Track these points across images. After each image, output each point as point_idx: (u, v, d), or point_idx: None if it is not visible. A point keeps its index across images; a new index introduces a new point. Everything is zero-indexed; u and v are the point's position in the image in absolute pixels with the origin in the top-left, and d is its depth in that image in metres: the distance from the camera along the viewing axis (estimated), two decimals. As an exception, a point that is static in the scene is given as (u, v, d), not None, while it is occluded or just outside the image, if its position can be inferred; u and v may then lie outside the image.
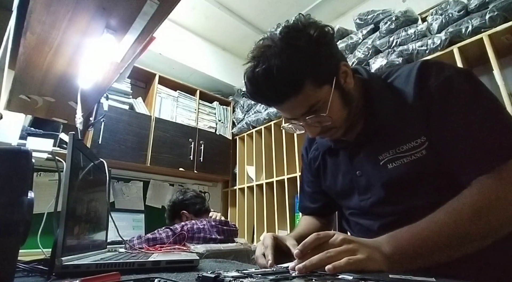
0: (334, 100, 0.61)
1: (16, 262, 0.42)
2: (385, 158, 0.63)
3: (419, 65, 0.63)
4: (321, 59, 0.60)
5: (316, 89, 0.60)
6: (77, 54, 0.94)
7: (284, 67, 0.57)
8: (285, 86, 0.59)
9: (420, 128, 0.59)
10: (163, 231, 1.43)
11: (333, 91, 0.61)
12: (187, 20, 2.84)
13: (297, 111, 0.62)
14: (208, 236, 1.48)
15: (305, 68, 0.58)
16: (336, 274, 0.43)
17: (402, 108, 0.62)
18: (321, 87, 0.60)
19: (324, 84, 0.60)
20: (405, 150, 0.60)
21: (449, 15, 1.70)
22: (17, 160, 0.43)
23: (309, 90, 0.59)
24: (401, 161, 0.61)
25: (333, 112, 0.62)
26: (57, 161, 0.73)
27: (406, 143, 0.60)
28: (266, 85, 0.60)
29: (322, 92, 0.60)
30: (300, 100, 0.60)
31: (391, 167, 0.62)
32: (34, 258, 0.68)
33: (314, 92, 0.60)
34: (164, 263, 0.59)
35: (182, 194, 1.79)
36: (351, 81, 0.66)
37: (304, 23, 0.61)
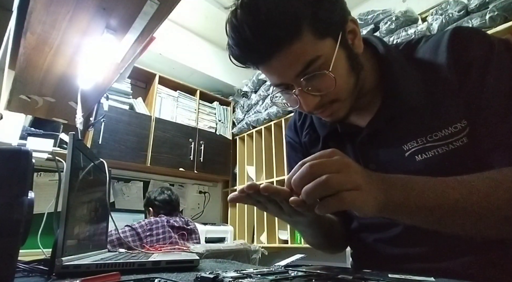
0: (339, 60, 0.48)
1: (16, 262, 0.42)
2: (412, 148, 0.50)
3: (452, 32, 0.50)
4: (324, 3, 0.47)
5: (317, 41, 0.47)
6: (77, 54, 0.94)
7: (277, 4, 0.44)
8: (277, 30, 0.45)
9: (459, 110, 0.47)
10: (126, 228, 1.62)
11: (337, 47, 0.48)
12: (187, 20, 2.84)
13: (292, 69, 0.48)
14: (162, 235, 1.61)
15: (303, 9, 0.45)
16: (336, 274, 0.43)
17: (433, 86, 0.50)
18: (323, 39, 0.47)
19: (326, 36, 0.48)
20: (439, 137, 0.48)
21: (449, 15, 1.70)
22: (17, 160, 0.43)
23: (308, 40, 0.46)
24: (434, 152, 0.49)
25: (337, 75, 0.48)
26: (57, 161, 0.73)
27: (441, 129, 0.48)
28: (253, 29, 0.45)
29: (324, 46, 0.47)
30: (296, 51, 0.46)
31: (419, 159, 0.50)
32: (34, 258, 0.68)
33: (314, 44, 0.47)
34: (164, 263, 0.59)
35: (158, 193, 1.90)
36: (360, 44, 0.53)
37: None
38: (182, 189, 2.90)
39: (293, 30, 0.45)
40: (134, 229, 1.60)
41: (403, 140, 0.52)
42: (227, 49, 0.51)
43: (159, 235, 1.61)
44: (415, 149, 0.50)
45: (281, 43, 0.46)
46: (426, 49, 0.54)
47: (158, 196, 1.88)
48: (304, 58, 0.47)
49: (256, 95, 2.93)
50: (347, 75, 0.51)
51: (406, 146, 0.51)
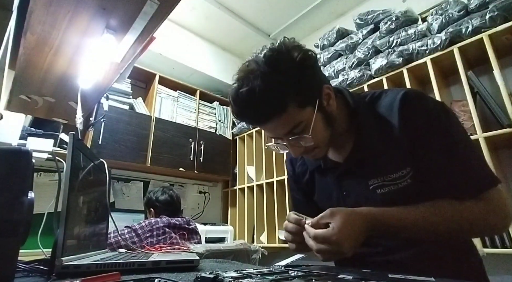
0: (317, 121, 0.64)
1: (16, 262, 0.42)
2: (374, 184, 0.67)
3: (401, 97, 0.66)
4: (304, 82, 0.62)
5: (299, 111, 0.62)
6: (77, 54, 0.94)
7: (267, 88, 0.59)
8: (268, 107, 0.61)
9: (405, 159, 0.64)
10: (125, 229, 1.62)
11: (315, 113, 0.64)
12: (187, 20, 2.84)
13: (280, 131, 0.64)
14: (162, 236, 1.61)
15: (287, 90, 0.60)
16: (336, 274, 0.43)
17: (388, 139, 0.66)
18: (304, 108, 0.63)
19: (306, 105, 0.63)
20: (392, 178, 0.65)
21: (449, 15, 1.70)
22: (17, 160, 0.43)
23: (292, 111, 0.61)
24: (389, 188, 0.66)
25: (315, 133, 0.64)
26: (57, 161, 0.73)
27: (393, 172, 0.65)
28: (249, 106, 0.62)
29: (304, 114, 0.63)
30: (283, 120, 0.62)
31: (380, 192, 0.67)
32: (34, 258, 0.68)
33: (297, 114, 0.62)
34: (164, 263, 0.59)
35: (159, 193, 1.88)
36: (333, 103, 0.69)
37: (288, 46, 0.63)
38: (182, 189, 2.90)
39: (279, 107, 0.61)
40: (134, 230, 1.60)
41: (368, 177, 0.68)
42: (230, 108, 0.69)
43: (160, 236, 1.60)
44: (376, 184, 0.67)
45: (270, 117, 0.62)
46: (383, 107, 0.69)
47: (160, 196, 1.84)
48: (289, 124, 0.63)
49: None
50: (324, 130, 0.67)
51: (371, 181, 0.68)
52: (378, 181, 0.67)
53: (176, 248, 1.33)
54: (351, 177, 0.72)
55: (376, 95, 0.72)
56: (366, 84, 2.04)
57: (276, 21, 2.89)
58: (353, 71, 2.08)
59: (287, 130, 0.64)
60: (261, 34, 3.02)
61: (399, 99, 0.66)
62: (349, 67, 2.13)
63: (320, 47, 2.39)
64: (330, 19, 2.80)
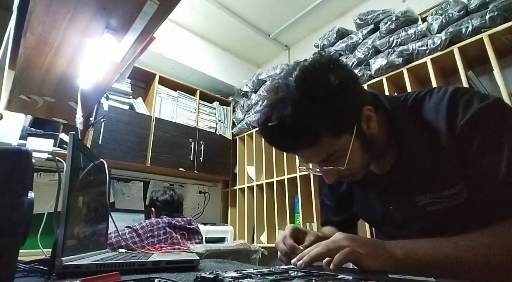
0: (354, 149, 0.57)
1: (16, 262, 0.42)
2: (423, 201, 0.60)
3: (449, 97, 0.57)
4: (341, 109, 0.55)
5: (334, 140, 0.56)
6: (77, 54, 0.94)
7: (298, 120, 0.53)
8: (299, 140, 0.56)
9: (457, 174, 0.56)
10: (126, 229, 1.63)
11: (353, 140, 0.57)
12: (187, 20, 2.84)
13: (314, 159, 0.61)
14: (163, 236, 1.62)
15: (321, 120, 0.54)
16: (336, 274, 0.43)
17: (435, 149, 0.57)
18: (340, 137, 0.56)
19: (343, 133, 0.56)
20: (444, 196, 0.57)
21: (449, 15, 1.70)
22: (17, 160, 0.43)
23: (326, 142, 0.56)
24: (441, 206, 0.58)
25: (352, 162, 0.58)
26: (57, 161, 0.73)
27: (445, 189, 0.57)
28: (280, 139, 0.58)
29: (340, 142, 0.57)
30: (316, 151, 0.57)
31: (431, 210, 0.59)
32: (34, 258, 0.68)
33: (332, 143, 0.56)
34: (164, 263, 0.59)
35: (160, 193, 1.90)
36: (375, 126, 0.60)
37: (323, 66, 0.55)
38: (182, 189, 2.90)
39: (312, 139, 0.55)
40: (135, 230, 1.60)
41: (415, 193, 0.61)
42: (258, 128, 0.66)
43: (161, 236, 1.60)
44: (426, 201, 0.60)
45: (304, 149, 0.58)
46: (429, 110, 0.60)
47: (160, 196, 1.86)
48: (322, 154, 0.58)
49: (256, 95, 2.93)
50: (361, 158, 0.60)
51: (418, 197, 0.61)
52: (427, 198, 0.59)
53: (176, 248, 1.33)
54: (395, 192, 0.66)
55: (420, 97, 0.63)
56: (366, 84, 2.04)
57: (276, 21, 2.89)
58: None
59: (321, 158, 0.59)
60: (261, 34, 3.02)
61: (448, 98, 0.57)
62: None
63: (320, 47, 2.39)
64: (330, 19, 2.80)
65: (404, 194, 0.64)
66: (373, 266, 0.48)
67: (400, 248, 0.51)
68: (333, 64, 0.56)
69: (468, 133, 0.54)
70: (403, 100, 0.66)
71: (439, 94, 0.60)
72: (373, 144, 0.61)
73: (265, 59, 3.44)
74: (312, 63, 0.56)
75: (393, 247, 0.52)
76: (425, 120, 0.60)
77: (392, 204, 0.67)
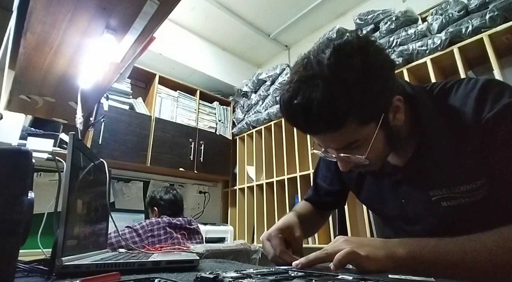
0: (377, 139, 0.54)
1: (16, 262, 0.42)
2: (438, 195, 0.58)
3: (481, 86, 0.54)
4: (371, 96, 0.51)
5: (359, 127, 0.53)
6: (77, 54, 0.94)
7: (326, 102, 0.49)
8: (324, 123, 0.52)
9: (478, 168, 0.53)
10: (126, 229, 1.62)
11: (378, 130, 0.53)
12: (187, 20, 2.84)
13: (333, 145, 0.57)
14: (163, 236, 1.61)
15: (350, 105, 0.50)
16: (336, 274, 0.43)
17: (458, 141, 0.54)
18: (366, 125, 0.53)
19: (369, 122, 0.53)
20: (462, 191, 0.55)
21: (449, 15, 1.70)
22: (17, 160, 0.43)
23: (351, 128, 0.52)
24: (458, 201, 0.56)
25: (372, 152, 0.55)
26: (57, 161, 0.73)
27: (464, 184, 0.54)
28: (303, 119, 0.53)
29: (365, 131, 0.53)
30: (338, 136, 0.53)
31: (445, 205, 0.57)
32: (34, 258, 0.68)
33: (356, 130, 0.53)
34: (164, 263, 0.59)
35: (163, 193, 1.88)
36: (401, 117, 0.57)
37: (360, 46, 0.51)
38: (182, 189, 2.90)
39: (337, 124, 0.51)
40: (135, 230, 1.59)
41: (430, 187, 0.59)
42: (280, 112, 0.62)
43: (161, 236, 1.60)
44: (441, 196, 0.57)
45: (326, 132, 0.54)
46: (456, 101, 0.57)
47: (164, 195, 1.84)
48: (346, 141, 0.54)
49: (256, 95, 2.93)
50: (382, 150, 0.58)
51: (432, 191, 0.58)
52: (442, 192, 0.57)
53: (176, 248, 1.33)
54: (410, 185, 0.63)
55: (448, 87, 0.60)
56: (366, 84, 2.04)
57: (276, 21, 2.89)
58: (353, 71, 2.08)
59: (341, 146, 0.55)
60: (261, 34, 3.02)
61: (479, 88, 0.54)
62: (349, 67, 2.13)
63: (320, 47, 2.39)
64: (330, 19, 2.80)
65: (419, 188, 0.61)
66: (372, 267, 0.48)
67: (403, 247, 0.50)
68: (371, 47, 0.52)
69: (492, 127, 0.51)
70: (429, 90, 0.62)
71: (468, 85, 0.56)
72: (397, 136, 0.58)
73: (265, 59, 3.44)
74: (349, 42, 0.51)
75: (396, 246, 0.50)
76: (451, 111, 0.56)
77: (405, 197, 0.64)
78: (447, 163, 0.56)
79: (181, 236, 1.67)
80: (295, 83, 0.52)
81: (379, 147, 0.56)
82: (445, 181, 0.57)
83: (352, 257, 0.47)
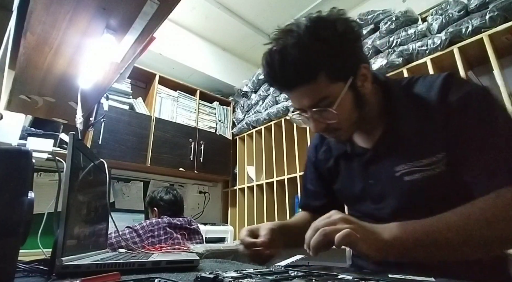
0: (345, 99, 0.61)
1: (16, 262, 0.42)
2: (402, 170, 0.62)
3: (444, 76, 0.62)
4: (341, 55, 0.59)
5: (329, 84, 0.59)
6: (77, 54, 0.94)
7: (301, 52, 0.57)
8: (298, 74, 0.58)
9: (439, 143, 0.59)
10: (126, 230, 1.61)
11: (346, 90, 0.60)
12: (187, 20, 2.84)
13: (306, 101, 0.61)
14: (163, 236, 1.61)
15: (322, 60, 0.57)
16: (336, 274, 0.43)
17: (422, 120, 0.61)
18: (335, 82, 0.59)
19: (338, 80, 0.60)
20: (424, 164, 0.60)
21: (449, 15, 1.70)
22: (17, 160, 0.43)
23: (321, 83, 0.58)
24: (419, 175, 0.60)
25: (341, 111, 0.60)
26: (57, 161, 0.73)
27: (425, 157, 0.60)
28: (280, 69, 0.60)
29: (334, 88, 0.59)
30: (310, 90, 0.59)
31: (407, 179, 0.61)
32: (34, 258, 0.68)
33: (326, 86, 0.59)
34: (164, 263, 0.59)
35: (164, 193, 1.86)
36: (368, 86, 0.64)
37: (334, 17, 0.60)
38: (182, 189, 2.90)
39: (309, 74, 0.58)
40: (135, 231, 1.59)
41: (396, 163, 0.64)
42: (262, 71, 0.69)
43: (161, 236, 1.60)
44: (405, 170, 0.62)
45: (299, 83, 0.60)
46: (422, 87, 0.65)
47: (164, 195, 1.83)
48: (316, 96, 0.60)
49: (256, 95, 2.93)
50: (350, 112, 0.63)
51: (398, 167, 0.63)
52: (407, 167, 0.61)
53: (176, 248, 1.33)
54: (378, 163, 0.67)
55: (415, 78, 0.68)
56: (366, 84, 2.04)
57: (276, 21, 2.87)
58: (353, 71, 2.08)
59: (312, 102, 0.60)
60: (261, 34, 3.02)
61: (442, 77, 0.62)
62: (349, 67, 2.13)
63: (320, 47, 2.39)
64: (330, 19, 2.80)
65: (385, 166, 0.66)
66: (365, 249, 0.48)
67: (387, 232, 0.52)
68: (344, 17, 0.61)
69: (457, 110, 0.57)
70: (398, 81, 0.70)
71: (433, 77, 0.64)
72: (364, 103, 0.64)
73: (265, 59, 3.44)
74: (327, 13, 0.61)
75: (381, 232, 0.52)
76: (417, 96, 0.64)
77: (372, 177, 0.69)
78: (412, 140, 0.62)
79: (181, 236, 1.67)
80: (275, 38, 0.61)
81: (348, 107, 0.62)
82: (409, 155, 0.62)
83: (350, 239, 0.47)
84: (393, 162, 0.64)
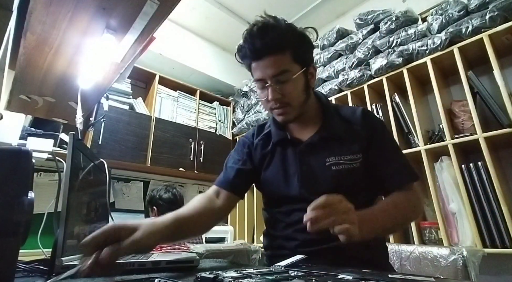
0: (299, 80, 0.79)
1: (16, 262, 0.42)
2: (331, 161, 0.80)
3: (362, 108, 0.87)
4: (302, 46, 0.79)
5: (291, 61, 0.76)
6: (77, 54, 0.94)
7: (277, 32, 0.75)
8: (272, 43, 0.75)
9: (359, 147, 0.80)
10: None
11: (301, 73, 0.78)
12: (187, 20, 2.84)
13: (270, 70, 0.76)
14: None
15: (291, 41, 0.76)
16: (336, 274, 0.43)
17: (348, 130, 0.82)
18: (295, 63, 0.77)
19: (297, 63, 0.77)
20: (347, 159, 0.79)
21: (449, 15, 1.70)
22: (17, 160, 0.43)
23: (286, 57, 0.76)
24: (342, 166, 0.79)
25: (294, 88, 0.78)
26: (57, 161, 0.73)
27: (348, 154, 0.80)
28: (258, 36, 0.75)
29: (294, 66, 0.77)
30: (276, 61, 0.75)
31: (334, 169, 0.79)
32: (34, 258, 0.68)
33: (289, 62, 0.76)
34: (164, 263, 0.59)
35: (163, 191, 1.84)
36: (313, 82, 0.85)
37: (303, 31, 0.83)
38: (182, 189, 2.90)
39: (280, 48, 0.76)
40: None
41: (326, 155, 0.81)
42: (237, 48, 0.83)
43: None
44: (332, 162, 0.80)
45: (270, 52, 0.76)
46: (346, 112, 0.87)
47: (164, 194, 1.80)
48: (279, 66, 0.76)
49: (256, 95, 2.93)
50: (301, 91, 0.80)
51: (328, 159, 0.80)
52: (335, 159, 0.79)
53: (176, 248, 1.33)
54: (311, 154, 0.83)
55: (340, 106, 0.92)
56: (366, 84, 2.04)
57: (276, 21, 2.89)
58: (353, 71, 2.08)
59: (276, 71, 0.75)
60: (261, 34, 3.02)
61: (361, 109, 0.86)
62: (349, 67, 2.13)
63: (320, 47, 2.39)
64: (330, 19, 2.80)
65: (318, 156, 0.82)
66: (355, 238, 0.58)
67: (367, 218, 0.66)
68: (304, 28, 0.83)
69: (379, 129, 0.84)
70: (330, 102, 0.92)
71: (353, 108, 0.89)
72: (309, 95, 0.84)
73: (265, 59, 3.44)
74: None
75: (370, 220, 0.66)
76: (343, 116, 0.86)
77: (306, 164, 0.83)
78: (339, 140, 0.82)
79: None
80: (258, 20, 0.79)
81: (300, 87, 0.79)
82: (337, 151, 0.81)
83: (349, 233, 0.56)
84: (324, 154, 0.81)
